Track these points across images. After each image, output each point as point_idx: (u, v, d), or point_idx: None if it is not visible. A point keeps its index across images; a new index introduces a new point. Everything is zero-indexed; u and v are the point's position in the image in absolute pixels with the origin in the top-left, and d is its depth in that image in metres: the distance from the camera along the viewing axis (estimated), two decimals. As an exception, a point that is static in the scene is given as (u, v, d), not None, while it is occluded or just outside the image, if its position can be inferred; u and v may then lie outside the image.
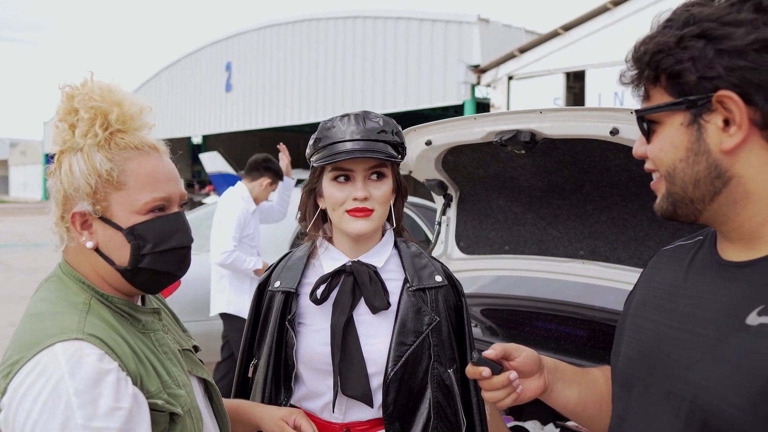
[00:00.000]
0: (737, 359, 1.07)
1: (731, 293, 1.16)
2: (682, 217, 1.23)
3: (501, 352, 1.37)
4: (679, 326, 1.22)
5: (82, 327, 1.30)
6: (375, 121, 1.89)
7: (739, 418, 1.03)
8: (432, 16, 20.18)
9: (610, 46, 13.85)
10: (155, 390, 1.36)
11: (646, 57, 1.17)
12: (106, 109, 1.40)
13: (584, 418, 1.53)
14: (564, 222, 2.99)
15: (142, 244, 1.40)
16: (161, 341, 1.49)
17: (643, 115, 1.21)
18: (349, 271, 1.93)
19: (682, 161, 1.17)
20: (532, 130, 2.45)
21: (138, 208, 1.40)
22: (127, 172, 1.40)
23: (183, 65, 33.58)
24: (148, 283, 1.46)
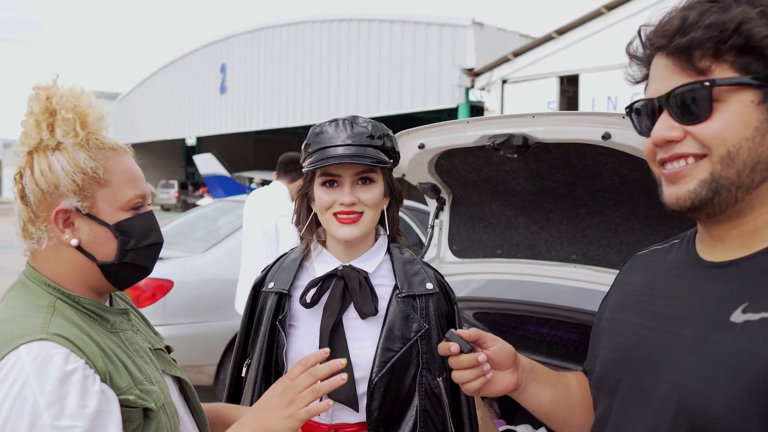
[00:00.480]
0: (722, 357, 1.07)
1: (712, 293, 1.16)
2: (713, 207, 1.15)
3: (475, 335, 1.38)
4: (659, 327, 1.23)
5: (47, 327, 1.30)
6: (363, 126, 1.90)
7: (726, 416, 1.03)
8: (426, 19, 20.22)
9: (604, 50, 13.90)
10: (126, 386, 1.36)
11: (730, 24, 1.08)
12: (84, 110, 1.43)
13: (556, 421, 1.53)
14: (556, 226, 2.99)
15: (127, 239, 1.45)
16: (131, 340, 1.50)
17: (713, 88, 1.10)
18: (339, 276, 1.94)
19: (749, 140, 1.10)
20: (524, 134, 2.46)
21: (122, 204, 1.45)
22: (109, 170, 1.44)
23: (178, 67, 33.56)
24: (124, 278, 1.50)
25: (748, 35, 1.07)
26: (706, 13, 1.11)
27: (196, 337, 5.56)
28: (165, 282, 5.45)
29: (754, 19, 1.07)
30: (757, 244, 1.15)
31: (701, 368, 1.10)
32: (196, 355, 5.59)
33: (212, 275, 5.87)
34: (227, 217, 7.20)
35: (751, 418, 1.01)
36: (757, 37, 1.07)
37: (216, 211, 7.71)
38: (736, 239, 1.18)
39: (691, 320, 1.16)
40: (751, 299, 1.09)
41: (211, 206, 8.15)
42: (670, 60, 1.15)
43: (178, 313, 5.49)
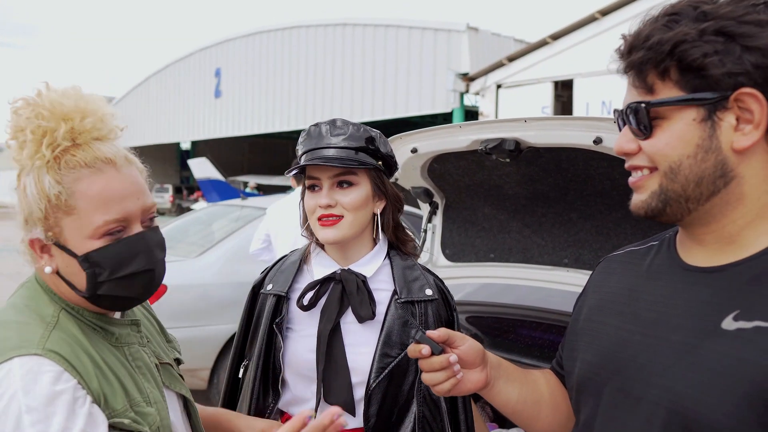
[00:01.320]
0: (716, 364, 1.07)
1: (699, 298, 1.16)
2: (667, 216, 1.21)
3: (445, 335, 1.36)
4: (642, 331, 1.23)
5: (44, 342, 1.24)
6: (341, 129, 1.89)
7: (723, 423, 1.04)
8: (421, 24, 20.27)
9: (598, 55, 13.95)
10: (121, 408, 1.30)
11: (665, 47, 1.11)
12: (51, 126, 1.29)
13: (523, 418, 1.52)
14: (549, 230, 3.00)
15: (99, 271, 1.31)
16: (135, 355, 1.44)
17: (649, 108, 1.16)
18: (338, 279, 1.93)
19: (690, 157, 1.14)
20: (516, 138, 2.46)
21: (90, 232, 1.30)
22: (76, 194, 1.29)
23: (172, 71, 33.54)
24: (112, 306, 1.39)
25: (681, 57, 1.10)
26: (655, 30, 1.14)
27: (190, 341, 5.55)
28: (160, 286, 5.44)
29: (690, 40, 1.09)
30: (739, 251, 1.16)
31: (694, 374, 1.10)
32: (190, 359, 5.56)
33: (206, 279, 5.88)
34: (221, 222, 7.21)
35: (748, 425, 1.02)
36: (690, 58, 1.09)
37: (210, 215, 7.71)
38: (714, 244, 1.19)
39: (678, 325, 1.17)
40: (742, 307, 1.09)
41: (205, 210, 8.15)
42: (628, 76, 1.21)
43: (172, 316, 5.48)
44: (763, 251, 1.13)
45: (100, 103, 1.37)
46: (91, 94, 1.38)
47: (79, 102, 1.33)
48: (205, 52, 30.58)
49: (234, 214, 7.11)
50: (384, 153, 1.93)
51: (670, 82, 1.13)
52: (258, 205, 7.12)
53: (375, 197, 1.94)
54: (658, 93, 1.15)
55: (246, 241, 6.31)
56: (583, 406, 1.34)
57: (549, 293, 3.04)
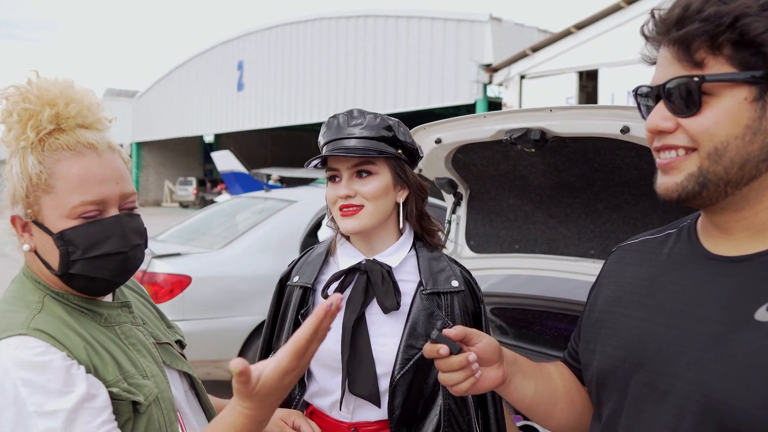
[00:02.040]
0: (752, 357, 1.05)
1: (726, 289, 1.13)
2: (702, 200, 1.15)
3: (462, 333, 1.31)
4: (666, 322, 1.20)
5: (28, 323, 1.29)
6: (358, 119, 1.89)
7: (762, 417, 1.01)
8: (443, 15, 20.18)
9: (624, 44, 13.81)
10: (112, 379, 1.33)
11: (726, 19, 1.05)
12: (36, 110, 1.35)
13: (539, 413, 1.48)
14: (574, 221, 2.97)
15: (72, 249, 1.35)
16: (128, 333, 1.47)
17: (702, 83, 1.09)
18: (363, 270, 1.92)
19: (738, 138, 1.09)
20: (542, 128, 2.44)
21: (67, 212, 1.35)
22: (56, 174, 1.34)
23: (195, 64, 33.77)
24: (85, 288, 1.41)
25: (743, 30, 1.05)
26: (708, 3, 1.08)
27: (215, 332, 5.59)
28: (183, 278, 5.50)
29: (753, 14, 1.04)
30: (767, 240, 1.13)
31: (727, 367, 1.07)
32: (214, 350, 5.63)
33: (230, 271, 5.91)
34: (244, 214, 7.24)
35: None
36: (753, 32, 1.04)
37: (233, 207, 7.75)
38: (743, 233, 1.16)
39: (705, 316, 1.14)
40: None
41: (229, 203, 8.19)
42: (670, 50, 1.14)
43: (196, 308, 5.53)
44: None
45: (88, 94, 1.43)
46: (82, 86, 1.44)
47: (65, 90, 1.39)
48: (228, 45, 30.73)
49: (257, 206, 7.13)
50: (403, 141, 1.91)
51: (722, 57, 1.08)
52: (281, 197, 7.14)
53: (396, 186, 1.92)
54: (708, 68, 1.09)
55: (270, 233, 6.35)
56: (606, 400, 1.31)
57: (575, 284, 3.01)
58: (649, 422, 1.18)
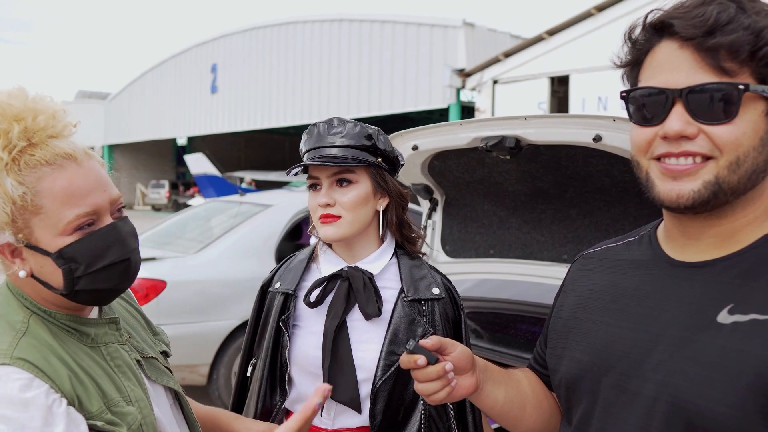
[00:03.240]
0: (715, 357, 1.09)
1: (690, 293, 1.18)
2: (707, 208, 1.16)
3: (438, 343, 1.32)
4: (632, 326, 1.24)
5: (11, 351, 1.23)
6: (338, 127, 1.90)
7: (727, 415, 1.06)
8: (417, 19, 20.26)
9: (594, 51, 13.98)
10: (96, 410, 1.28)
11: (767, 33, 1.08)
12: (5, 128, 1.26)
13: (509, 419, 1.51)
14: (548, 226, 3.03)
15: (74, 266, 1.29)
16: (113, 354, 1.41)
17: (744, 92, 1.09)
18: (344, 277, 1.93)
19: (755, 149, 1.12)
20: (517, 136, 2.49)
21: (62, 229, 1.28)
22: (41, 193, 1.26)
23: (168, 66, 33.50)
24: (92, 300, 1.37)
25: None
26: (737, 16, 1.09)
27: (189, 337, 5.57)
28: (158, 282, 5.46)
29: None
30: (732, 245, 1.18)
31: (692, 368, 1.12)
32: (189, 355, 5.61)
33: (206, 275, 5.90)
34: (220, 218, 7.22)
35: (753, 416, 1.04)
36: None
37: (208, 211, 7.72)
38: (711, 239, 1.20)
39: (670, 320, 1.18)
40: (736, 300, 1.12)
41: (204, 206, 8.16)
42: (695, 54, 1.12)
43: (171, 313, 5.50)
44: (750, 246, 1.16)
45: (49, 102, 1.35)
46: (37, 94, 1.36)
47: (27, 102, 1.31)
48: (202, 47, 30.54)
49: (232, 210, 7.12)
50: (383, 149, 1.92)
51: (748, 69, 1.10)
52: (257, 201, 7.13)
53: (377, 194, 1.93)
54: (736, 77, 1.10)
55: (245, 237, 6.34)
56: (576, 404, 1.34)
57: (548, 288, 3.06)
58: (619, 423, 1.22)
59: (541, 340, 1.57)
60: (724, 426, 1.06)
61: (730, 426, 1.06)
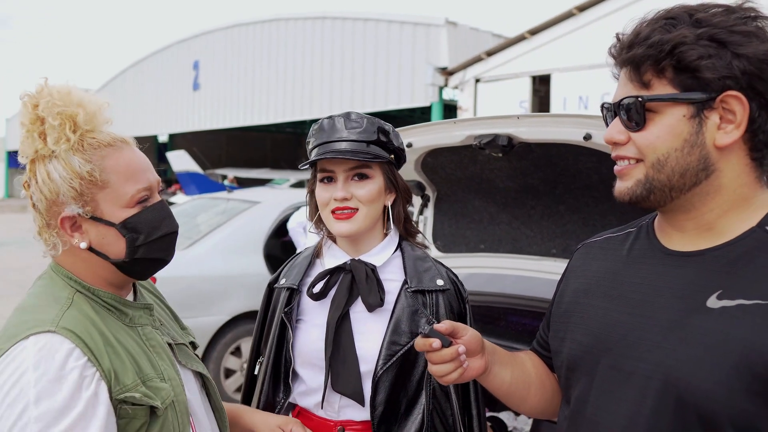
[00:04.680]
0: (705, 339, 1.19)
1: (682, 280, 1.28)
2: (650, 202, 1.32)
3: (450, 327, 1.43)
4: (629, 311, 1.34)
5: (58, 320, 1.33)
6: (357, 122, 1.91)
7: (715, 391, 1.15)
8: (400, 18, 20.27)
9: (575, 50, 14.11)
10: (131, 383, 1.38)
11: (666, 46, 1.21)
12: (72, 112, 1.42)
13: (515, 399, 1.62)
14: (537, 222, 3.12)
15: (136, 236, 1.45)
16: (149, 335, 1.52)
17: (645, 102, 1.25)
18: (348, 269, 1.95)
19: (677, 150, 1.25)
20: (509, 134, 2.56)
21: (126, 201, 1.45)
22: (107, 169, 1.43)
23: (150, 63, 33.22)
24: (142, 271, 1.52)
25: (680, 58, 1.21)
26: (656, 30, 1.24)
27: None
28: (147, 278, 5.49)
29: (689, 43, 1.20)
30: (717, 237, 1.29)
31: (684, 348, 1.21)
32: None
33: (194, 271, 5.94)
34: (207, 214, 7.26)
35: (738, 392, 1.14)
36: (688, 59, 1.20)
37: (195, 208, 7.75)
38: (694, 230, 1.32)
39: (664, 305, 1.28)
40: (724, 287, 1.22)
41: (191, 203, 8.18)
42: (624, 71, 1.31)
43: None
44: (738, 237, 1.26)
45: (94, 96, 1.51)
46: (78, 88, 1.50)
47: (81, 93, 1.47)
48: (184, 44, 30.32)
49: (219, 207, 7.16)
50: (396, 146, 1.96)
51: (665, 79, 1.24)
52: (244, 198, 7.18)
53: (386, 190, 1.96)
54: (653, 89, 1.26)
55: (233, 234, 6.39)
56: (575, 383, 1.43)
57: (538, 282, 3.15)
58: (615, 401, 1.31)
59: (544, 324, 1.68)
60: (713, 402, 1.16)
61: (718, 401, 1.15)
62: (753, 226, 1.27)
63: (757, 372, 1.12)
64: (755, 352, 1.13)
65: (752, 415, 1.13)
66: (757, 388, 1.12)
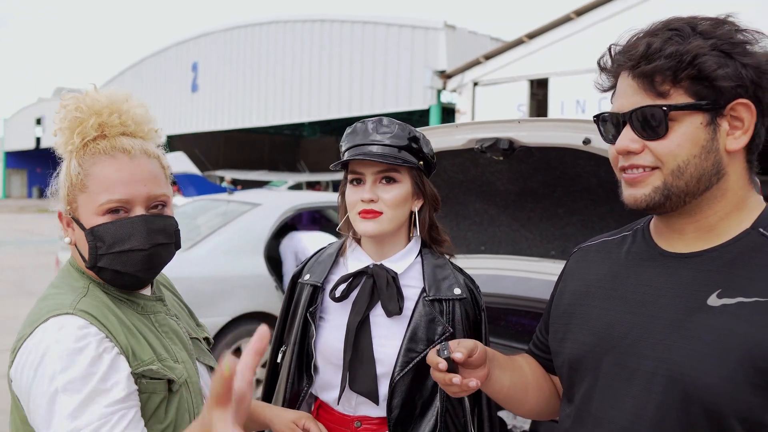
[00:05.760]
0: (707, 336, 1.25)
1: (682, 280, 1.34)
2: (665, 208, 1.35)
3: (467, 353, 1.47)
4: (631, 311, 1.38)
5: (75, 304, 1.43)
6: (388, 127, 1.95)
7: (719, 385, 1.21)
8: (399, 21, 20.32)
9: (573, 54, 14.18)
10: (149, 359, 1.46)
11: (686, 57, 1.25)
12: (82, 118, 1.50)
13: (513, 401, 1.66)
14: (537, 224, 3.17)
15: (99, 244, 1.48)
16: (162, 322, 1.60)
17: (669, 112, 1.27)
18: (369, 274, 1.99)
19: (696, 157, 1.29)
20: (510, 138, 2.61)
21: (95, 209, 1.48)
22: (91, 176, 1.49)
23: (148, 64, 33.24)
24: (114, 281, 1.53)
25: (700, 68, 1.26)
26: (668, 42, 1.28)
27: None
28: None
29: (707, 54, 1.26)
30: (715, 239, 1.34)
31: (687, 345, 1.26)
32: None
33: (195, 273, 5.96)
34: (207, 216, 7.28)
35: (741, 385, 1.19)
36: (708, 70, 1.25)
37: (196, 209, 7.78)
38: (694, 233, 1.37)
39: (665, 304, 1.33)
40: (724, 286, 1.27)
41: (191, 205, 8.21)
42: (635, 81, 1.32)
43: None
44: (734, 238, 1.32)
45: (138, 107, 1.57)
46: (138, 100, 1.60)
47: (114, 101, 1.53)
48: (183, 45, 30.37)
49: (220, 209, 7.20)
50: (425, 153, 2.00)
51: (681, 89, 1.28)
52: (245, 200, 7.21)
53: (414, 196, 2.00)
54: (670, 98, 1.29)
55: (234, 235, 6.43)
56: (578, 382, 1.47)
57: (537, 283, 3.20)
58: (620, 397, 1.36)
59: (541, 326, 1.72)
60: (717, 395, 1.21)
61: (723, 395, 1.20)
62: (747, 228, 1.33)
63: (759, 366, 1.18)
64: (757, 347, 1.19)
65: (756, 407, 1.18)
66: (760, 382, 1.18)
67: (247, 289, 6.11)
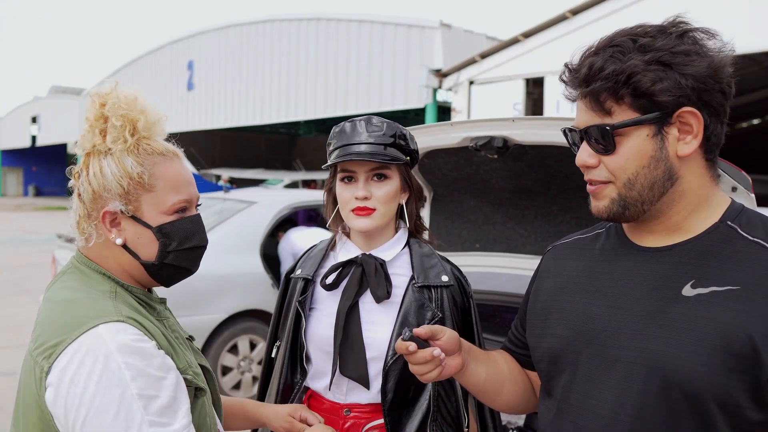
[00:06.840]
0: (684, 324, 1.31)
1: (656, 272, 1.39)
2: (626, 218, 1.43)
3: (429, 332, 1.53)
4: (608, 304, 1.44)
5: (120, 311, 1.42)
6: (378, 126, 2.03)
7: (697, 370, 1.26)
8: (395, 20, 20.32)
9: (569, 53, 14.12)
10: (183, 366, 1.49)
11: (621, 77, 1.32)
12: (134, 117, 1.53)
13: (489, 394, 1.71)
14: (531, 222, 3.20)
15: (168, 242, 1.54)
16: (173, 327, 1.63)
17: (614, 130, 1.35)
18: (358, 263, 2.07)
19: (645, 168, 1.36)
20: (504, 136, 2.64)
21: (166, 208, 1.54)
22: (156, 175, 1.53)
23: (144, 62, 33.19)
24: (167, 277, 1.59)
25: (635, 86, 1.32)
26: (608, 61, 1.34)
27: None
28: (146, 276, 5.54)
29: (641, 71, 1.31)
30: (683, 234, 1.41)
31: (665, 334, 1.32)
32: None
33: (191, 270, 5.99)
34: (203, 214, 7.28)
35: (718, 370, 1.25)
36: (644, 87, 1.31)
37: (192, 207, 7.79)
38: (662, 231, 1.43)
39: (641, 296, 1.39)
40: (697, 276, 1.34)
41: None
42: (583, 101, 1.40)
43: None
44: (705, 232, 1.39)
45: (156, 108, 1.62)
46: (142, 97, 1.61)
47: (145, 102, 1.58)
48: (178, 44, 30.33)
49: (216, 207, 7.21)
50: (412, 149, 2.09)
51: (625, 105, 1.35)
52: (241, 198, 7.23)
53: (402, 189, 2.09)
54: (615, 115, 1.36)
55: (230, 233, 6.44)
56: (557, 375, 1.52)
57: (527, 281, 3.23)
58: (601, 387, 1.40)
59: (517, 323, 1.78)
60: (695, 380, 1.27)
61: (700, 379, 1.26)
62: (716, 222, 1.40)
63: (734, 350, 1.24)
64: (732, 333, 1.25)
65: (732, 390, 1.24)
66: (735, 366, 1.24)
67: (243, 286, 6.14)
